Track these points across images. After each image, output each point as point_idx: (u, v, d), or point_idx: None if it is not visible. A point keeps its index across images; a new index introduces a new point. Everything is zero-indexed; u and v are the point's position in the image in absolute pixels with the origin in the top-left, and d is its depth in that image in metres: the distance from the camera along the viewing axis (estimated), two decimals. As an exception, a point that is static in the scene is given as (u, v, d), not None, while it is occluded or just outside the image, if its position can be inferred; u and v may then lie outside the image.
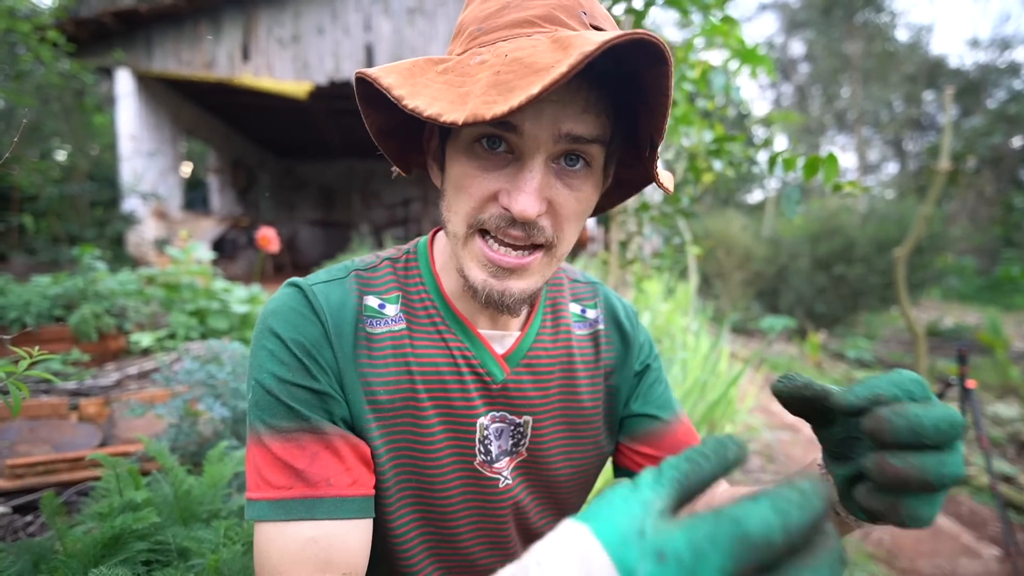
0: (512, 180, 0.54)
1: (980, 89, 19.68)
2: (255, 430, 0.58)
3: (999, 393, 5.19)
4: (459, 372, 0.65)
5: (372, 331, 0.63)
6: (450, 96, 0.47)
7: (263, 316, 0.61)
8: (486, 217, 0.56)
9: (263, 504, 0.55)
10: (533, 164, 0.53)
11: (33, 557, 0.90)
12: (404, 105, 0.47)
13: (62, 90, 6.21)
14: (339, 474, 0.57)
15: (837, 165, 1.45)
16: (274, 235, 3.55)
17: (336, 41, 7.37)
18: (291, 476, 0.56)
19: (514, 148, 0.54)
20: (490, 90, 0.45)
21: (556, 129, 0.52)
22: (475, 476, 0.67)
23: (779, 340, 8.20)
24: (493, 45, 0.52)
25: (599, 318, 0.78)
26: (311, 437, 0.57)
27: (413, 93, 0.48)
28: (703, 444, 0.31)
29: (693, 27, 2.29)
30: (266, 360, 0.59)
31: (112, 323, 3.04)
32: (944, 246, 9.06)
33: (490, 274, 0.57)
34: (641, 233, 2.26)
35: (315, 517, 0.55)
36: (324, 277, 0.65)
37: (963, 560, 2.32)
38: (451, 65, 0.51)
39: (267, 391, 0.58)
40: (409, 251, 0.70)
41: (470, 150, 0.56)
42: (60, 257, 5.64)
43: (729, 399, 2.71)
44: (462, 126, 0.44)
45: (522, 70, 0.45)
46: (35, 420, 1.89)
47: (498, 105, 0.43)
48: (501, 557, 0.70)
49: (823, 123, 25.23)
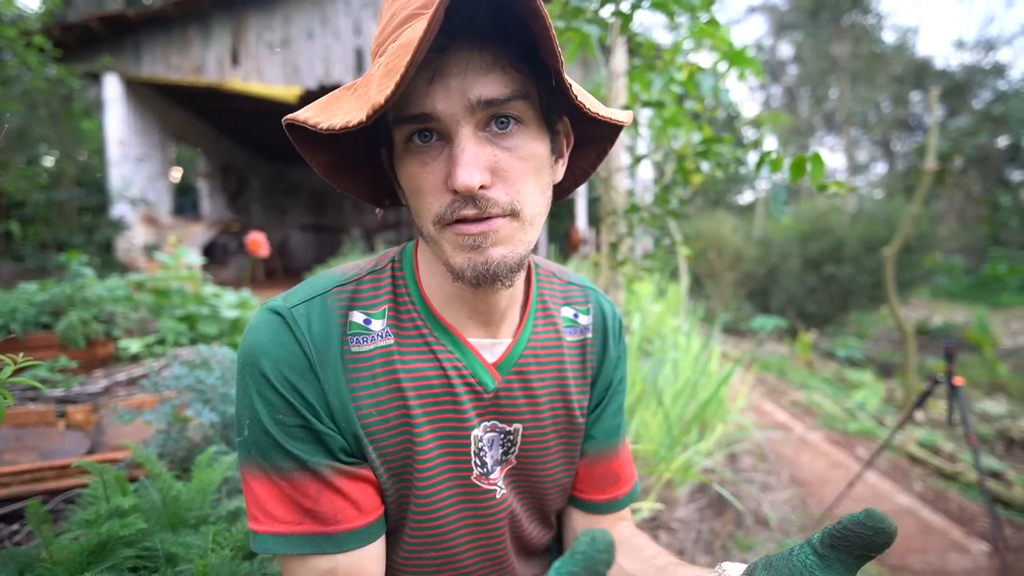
0: (448, 161, 0.54)
1: (966, 90, 19.90)
2: (258, 465, 0.58)
3: (987, 390, 5.24)
4: (450, 384, 0.64)
5: (359, 350, 0.61)
6: (358, 105, 0.48)
7: (246, 348, 0.59)
8: (442, 209, 0.55)
9: (270, 538, 0.56)
10: (460, 138, 0.53)
11: (19, 566, 0.89)
12: (320, 128, 0.48)
13: (49, 95, 6.17)
14: (345, 509, 0.58)
15: (823, 165, 1.46)
16: (264, 240, 3.53)
17: (326, 46, 7.36)
18: (299, 512, 0.57)
19: (441, 133, 0.54)
20: (382, 80, 0.46)
21: (466, 99, 0.52)
22: (473, 490, 0.66)
23: (770, 340, 8.25)
24: (387, 49, 0.53)
25: (590, 326, 0.76)
26: (311, 477, 0.57)
27: (329, 116, 0.49)
28: (574, 553, 0.35)
29: (682, 30, 2.31)
30: (255, 401, 0.58)
31: (100, 329, 3.01)
32: (932, 245, 9.14)
33: (469, 249, 0.55)
34: (631, 235, 2.27)
35: (326, 552, 0.56)
36: (304, 296, 0.62)
37: (953, 556, 2.34)
38: (359, 82, 0.53)
39: (264, 432, 0.57)
40: (394, 259, 0.68)
41: (408, 150, 0.56)
42: (48, 264, 5.58)
43: (720, 398, 2.72)
44: (367, 120, 0.45)
45: (402, 51, 0.46)
46: (21, 428, 1.87)
47: (388, 88, 0.44)
48: (497, 570, 0.70)
49: (812, 124, 25.43)
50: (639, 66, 2.14)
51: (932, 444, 3.72)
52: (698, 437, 2.53)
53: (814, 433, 3.90)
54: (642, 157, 2.22)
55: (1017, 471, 3.31)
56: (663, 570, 0.66)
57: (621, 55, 2.23)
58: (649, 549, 0.72)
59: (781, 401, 4.81)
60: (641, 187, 5.38)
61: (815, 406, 4.67)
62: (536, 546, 0.77)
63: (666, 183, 2.26)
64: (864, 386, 5.39)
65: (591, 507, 0.78)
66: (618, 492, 0.78)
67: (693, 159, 2.11)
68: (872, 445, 3.75)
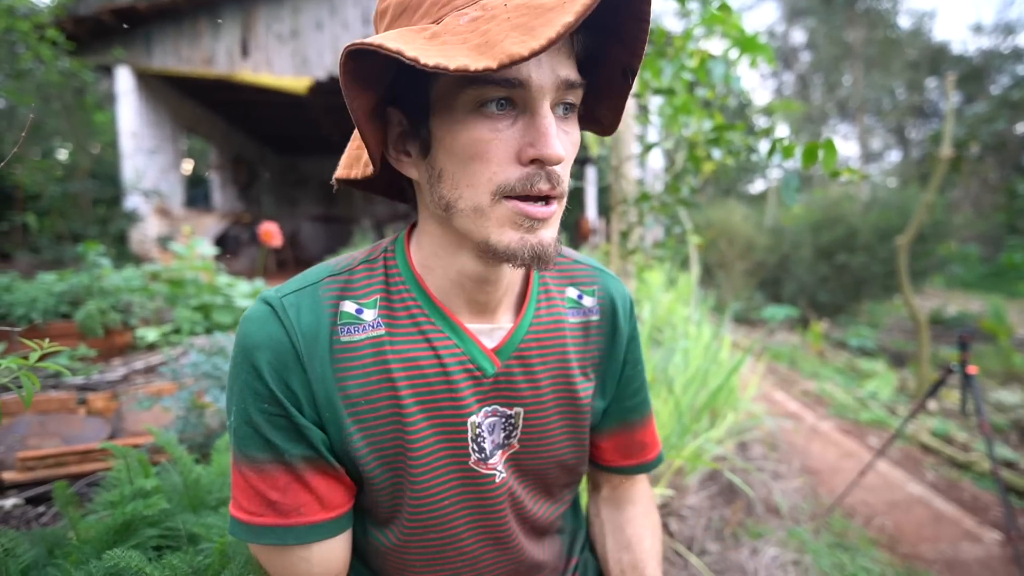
0: (529, 132, 0.52)
1: (983, 75, 19.55)
2: (234, 456, 0.60)
3: (1002, 380, 5.19)
4: (445, 370, 0.63)
5: (350, 339, 0.61)
6: (462, 51, 0.45)
7: (238, 338, 0.60)
8: (511, 181, 0.53)
9: (237, 524, 0.59)
10: (544, 110, 0.52)
11: (48, 544, 0.92)
12: (424, 64, 0.43)
13: (62, 88, 6.23)
14: (309, 503, 0.60)
15: (835, 151, 1.45)
16: (277, 230, 3.57)
17: (335, 36, 7.36)
18: (263, 504, 0.59)
19: (519, 103, 0.53)
20: (511, 33, 0.44)
21: (556, 76, 0.52)
22: (471, 476, 0.66)
23: (782, 329, 8.21)
24: (473, 4, 0.51)
25: (595, 308, 0.76)
26: (283, 470, 0.59)
27: (425, 53, 0.44)
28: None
29: (693, 16, 2.29)
30: (243, 391, 0.59)
31: (118, 319, 3.06)
32: (947, 234, 9.02)
33: (526, 230, 0.55)
34: (642, 223, 2.26)
35: (286, 543, 0.59)
36: (296, 285, 0.62)
37: (965, 545, 2.34)
38: (437, 30, 0.49)
39: (244, 421, 0.59)
40: (387, 249, 0.68)
41: (478, 114, 0.53)
42: (64, 255, 5.66)
43: (731, 387, 2.72)
44: (496, 70, 0.42)
45: (533, 11, 0.45)
46: (44, 415, 1.92)
47: (531, 41, 0.42)
48: (503, 549, 0.71)
49: (825, 111, 25.11)
50: (650, 53, 2.13)
51: (945, 433, 3.70)
52: (709, 425, 2.54)
53: (825, 422, 3.89)
54: (653, 145, 2.22)
55: (1031, 460, 3.28)
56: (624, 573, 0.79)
57: (632, 42, 2.21)
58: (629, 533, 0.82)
59: (792, 390, 4.80)
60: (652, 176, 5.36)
61: (827, 395, 4.65)
62: (545, 525, 0.77)
63: (677, 171, 2.25)
64: (876, 376, 5.35)
65: (619, 470, 0.83)
66: (645, 457, 0.82)
67: (704, 147, 2.10)
68: (884, 435, 3.73)
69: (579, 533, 0.88)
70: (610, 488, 0.86)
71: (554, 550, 0.81)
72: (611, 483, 0.86)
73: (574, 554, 0.85)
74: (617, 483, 0.85)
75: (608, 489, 0.86)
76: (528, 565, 0.75)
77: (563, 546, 0.84)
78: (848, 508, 2.57)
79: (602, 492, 0.87)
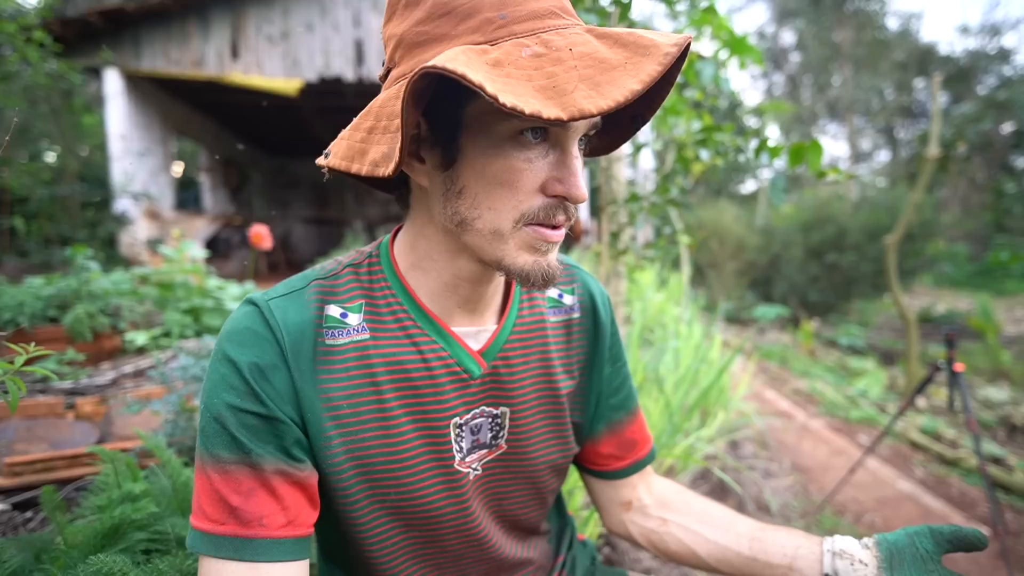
0: (558, 168, 0.55)
1: (970, 76, 19.74)
2: (200, 457, 0.57)
3: (990, 377, 5.25)
4: (431, 373, 0.64)
5: (334, 343, 0.61)
6: (529, 91, 0.45)
7: (219, 338, 0.60)
8: (536, 208, 0.55)
9: (197, 535, 0.55)
10: (574, 150, 0.55)
11: (35, 550, 0.91)
12: (502, 104, 0.42)
13: (50, 91, 6.17)
14: (274, 514, 0.55)
15: (821, 152, 1.47)
16: (267, 232, 3.55)
17: (326, 38, 7.34)
18: (225, 511, 0.54)
19: (551, 137, 0.55)
20: (580, 85, 0.45)
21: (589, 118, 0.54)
22: (455, 476, 0.67)
23: (773, 329, 8.26)
24: (532, 35, 0.50)
25: (575, 306, 0.77)
26: (249, 472, 0.56)
27: (502, 90, 0.43)
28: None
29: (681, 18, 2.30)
30: (216, 385, 0.57)
31: (106, 322, 3.04)
32: (935, 233, 9.12)
33: (537, 253, 0.57)
34: (632, 224, 2.27)
35: (243, 558, 0.54)
36: (282, 290, 0.62)
37: (953, 540, 2.36)
38: (499, 57, 0.48)
39: (214, 418, 0.56)
40: (372, 254, 0.68)
41: (515, 142, 0.53)
42: (52, 259, 5.62)
43: (722, 386, 2.74)
44: (566, 121, 0.43)
45: (598, 66, 0.46)
46: (32, 419, 1.90)
47: (601, 99, 0.44)
48: (480, 548, 0.71)
49: (815, 112, 25.30)
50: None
51: (933, 431, 3.73)
52: (700, 424, 2.55)
53: (816, 421, 3.92)
54: (642, 146, 2.23)
55: (1018, 456, 3.32)
56: (756, 540, 0.70)
57: (621, 44, 2.22)
58: (717, 515, 0.76)
59: (783, 389, 4.83)
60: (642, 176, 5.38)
61: (817, 394, 4.69)
62: (531, 527, 0.78)
63: (666, 172, 2.26)
64: (866, 374, 5.40)
65: (619, 474, 0.81)
66: (639, 455, 0.82)
67: (693, 147, 2.11)
68: (874, 432, 3.76)
69: (565, 530, 0.89)
70: (623, 505, 0.83)
71: (541, 548, 0.82)
72: (620, 495, 0.82)
73: (561, 551, 0.86)
74: (624, 493, 0.82)
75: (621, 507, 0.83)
76: (512, 563, 0.76)
77: (550, 544, 0.85)
78: (838, 505, 2.59)
79: (632, 512, 0.82)
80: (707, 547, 0.74)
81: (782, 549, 0.67)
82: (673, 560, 0.79)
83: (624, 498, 0.82)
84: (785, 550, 0.67)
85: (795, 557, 0.66)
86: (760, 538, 0.70)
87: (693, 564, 0.76)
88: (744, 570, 0.71)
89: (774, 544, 0.68)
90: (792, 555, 0.66)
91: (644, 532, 0.80)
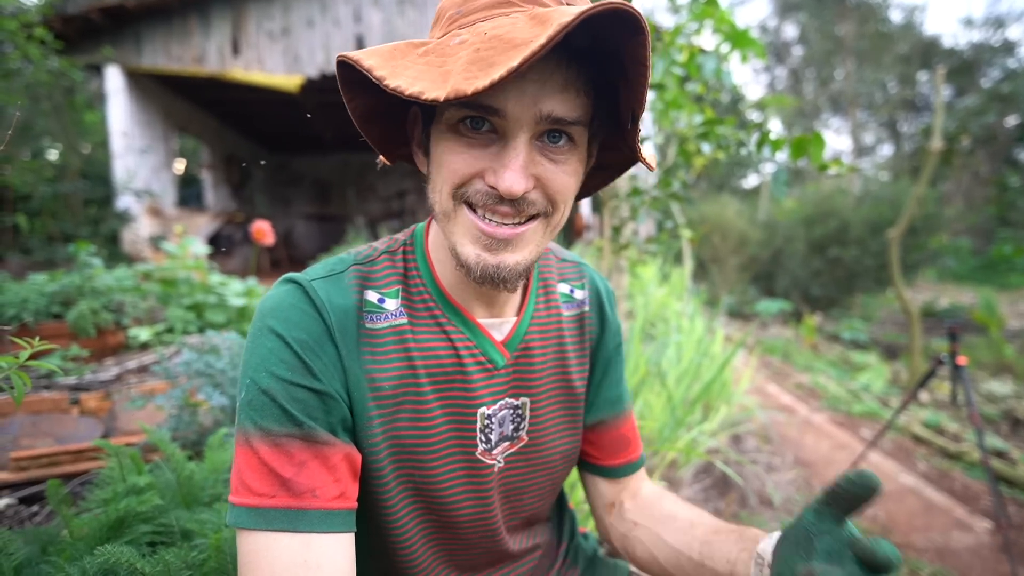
0: (497, 159, 0.54)
1: (974, 68, 19.64)
2: (244, 431, 0.55)
3: (993, 371, 5.24)
4: (461, 362, 0.65)
5: (373, 327, 0.62)
6: (431, 75, 0.47)
7: (261, 314, 0.59)
8: (471, 192, 0.56)
9: (243, 511, 0.53)
10: (517, 143, 0.53)
11: (41, 543, 0.92)
12: (386, 85, 0.47)
13: (52, 88, 6.17)
14: (326, 485, 0.55)
15: (823, 144, 1.46)
16: (269, 228, 3.56)
17: (326, 33, 7.32)
18: (275, 484, 0.54)
19: (498, 128, 0.54)
20: (470, 66, 0.45)
21: (538, 110, 0.52)
22: (476, 465, 0.68)
23: (775, 323, 8.24)
24: (472, 26, 0.52)
25: (586, 300, 0.79)
26: (301, 444, 0.55)
27: (394, 73, 0.48)
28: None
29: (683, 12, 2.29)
30: (265, 359, 0.56)
31: (110, 319, 3.05)
32: (939, 227, 9.09)
33: (483, 247, 0.56)
34: (634, 218, 2.27)
35: (298, 529, 0.53)
36: (322, 272, 0.63)
37: (956, 533, 2.36)
38: (431, 47, 0.51)
39: (263, 391, 0.55)
40: (406, 242, 0.70)
41: (454, 130, 0.55)
42: (56, 256, 5.63)
43: (724, 380, 2.74)
44: (444, 102, 0.44)
45: (501, 46, 0.45)
46: (37, 415, 1.91)
47: (479, 80, 0.43)
48: (490, 538, 0.72)
49: (817, 106, 25.19)
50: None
51: (936, 424, 3.73)
52: (702, 418, 2.55)
53: (819, 415, 3.91)
54: (644, 139, 2.22)
55: (1021, 450, 3.32)
56: (706, 544, 0.67)
57: (622, 37, 2.21)
58: (682, 517, 0.73)
59: (786, 384, 4.83)
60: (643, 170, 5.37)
61: (820, 388, 4.68)
62: (539, 516, 0.80)
63: (668, 166, 2.26)
64: (869, 368, 5.39)
65: (610, 472, 0.81)
66: (631, 456, 0.82)
67: (695, 141, 2.11)
68: (877, 426, 3.76)
69: (565, 519, 0.90)
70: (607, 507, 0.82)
71: (545, 536, 0.84)
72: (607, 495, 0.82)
73: (563, 539, 0.88)
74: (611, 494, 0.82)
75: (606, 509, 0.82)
76: (519, 551, 0.77)
77: (552, 533, 0.87)
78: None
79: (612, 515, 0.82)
80: (664, 552, 0.71)
81: (726, 555, 0.64)
82: (643, 569, 0.76)
83: (610, 499, 0.82)
84: (729, 555, 0.64)
85: (736, 562, 0.63)
86: (710, 542, 0.67)
87: (656, 573, 0.74)
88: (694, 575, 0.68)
89: (720, 550, 0.65)
90: (733, 560, 0.63)
91: (619, 536, 0.79)
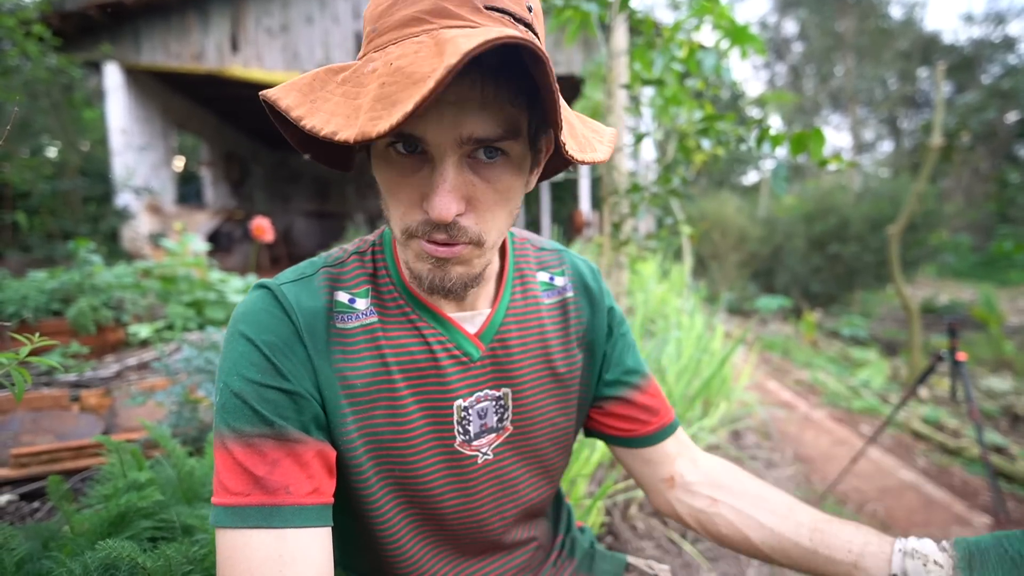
0: (427, 184, 0.54)
1: (974, 64, 19.61)
2: (220, 434, 0.57)
3: (993, 367, 5.24)
4: (435, 357, 0.66)
5: (344, 326, 0.63)
6: (345, 110, 0.46)
7: (233, 320, 0.61)
8: (414, 226, 0.56)
9: (221, 510, 0.54)
10: (444, 167, 0.52)
11: (42, 538, 0.92)
12: (303, 125, 0.46)
13: (50, 85, 6.17)
14: (299, 482, 0.56)
15: (823, 140, 1.46)
16: (268, 225, 3.56)
17: (325, 30, 7.32)
18: (249, 483, 0.55)
19: (427, 151, 0.53)
20: (376, 104, 0.44)
21: (458, 134, 0.51)
22: (456, 457, 0.68)
23: (775, 320, 8.25)
24: (384, 49, 0.50)
25: (567, 285, 0.79)
26: (274, 443, 0.56)
27: (312, 110, 0.47)
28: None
29: (683, 7, 2.29)
30: (235, 363, 0.58)
31: (110, 316, 3.05)
32: (938, 223, 9.08)
33: (433, 265, 0.57)
34: (634, 215, 2.27)
35: (272, 525, 0.54)
36: (292, 276, 0.64)
37: (955, 529, 2.37)
38: (349, 75, 0.50)
39: (235, 394, 0.57)
40: (375, 243, 0.70)
41: (386, 156, 0.55)
42: (55, 253, 5.63)
43: (724, 377, 2.74)
44: (352, 142, 0.43)
45: (403, 81, 0.44)
46: (37, 412, 1.91)
47: (382, 121, 0.42)
48: (477, 529, 0.73)
49: (817, 102, 25.15)
50: (640, 44, 2.13)
51: (936, 420, 3.74)
52: (702, 414, 2.56)
53: (818, 411, 3.92)
54: (644, 135, 2.22)
55: (1021, 446, 3.33)
56: (818, 531, 0.66)
57: (622, 34, 2.22)
58: (775, 499, 0.72)
59: (785, 380, 4.83)
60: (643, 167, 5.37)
61: (819, 384, 4.69)
62: (536, 508, 0.80)
63: (668, 162, 2.26)
64: (869, 364, 5.40)
65: (647, 440, 0.78)
66: (664, 420, 0.79)
67: (695, 137, 2.10)
68: (876, 422, 3.77)
69: (562, 512, 0.91)
70: (665, 481, 0.79)
71: (542, 527, 0.84)
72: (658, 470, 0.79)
73: (560, 531, 0.88)
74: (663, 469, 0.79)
75: (664, 484, 0.80)
76: (512, 542, 0.78)
77: (549, 525, 0.87)
78: (841, 495, 2.60)
79: (676, 488, 0.79)
80: (761, 533, 0.70)
81: (847, 544, 0.63)
82: (723, 544, 0.75)
83: (665, 474, 0.79)
84: (851, 546, 0.63)
85: (861, 554, 0.61)
86: (823, 530, 0.66)
87: (745, 550, 0.73)
88: (802, 563, 0.67)
89: (838, 538, 0.64)
90: (858, 552, 0.62)
91: (692, 512, 0.77)
